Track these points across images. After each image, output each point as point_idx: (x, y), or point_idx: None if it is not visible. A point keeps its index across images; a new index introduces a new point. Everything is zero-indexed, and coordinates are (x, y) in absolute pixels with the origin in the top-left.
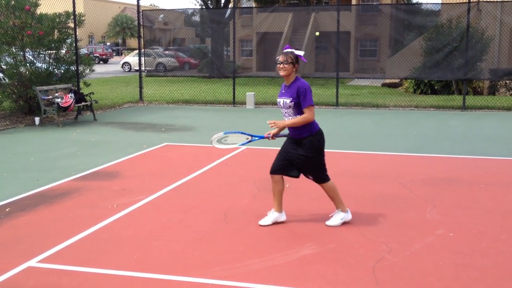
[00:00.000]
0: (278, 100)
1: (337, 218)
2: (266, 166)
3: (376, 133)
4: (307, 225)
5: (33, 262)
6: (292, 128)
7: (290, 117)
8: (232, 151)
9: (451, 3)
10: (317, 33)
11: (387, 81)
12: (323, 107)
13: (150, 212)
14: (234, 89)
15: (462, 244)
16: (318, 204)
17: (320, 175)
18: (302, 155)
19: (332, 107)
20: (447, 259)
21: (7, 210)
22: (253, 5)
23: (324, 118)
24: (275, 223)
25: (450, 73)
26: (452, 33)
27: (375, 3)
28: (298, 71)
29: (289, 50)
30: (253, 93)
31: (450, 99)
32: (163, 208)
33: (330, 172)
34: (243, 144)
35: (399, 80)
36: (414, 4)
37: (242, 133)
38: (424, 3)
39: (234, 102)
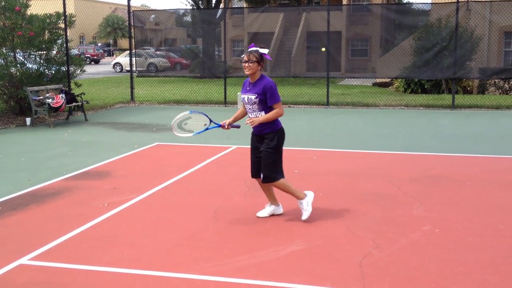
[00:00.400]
0: (243, 96)
1: (307, 210)
2: None
3: (365, 132)
4: (295, 221)
5: (24, 260)
6: (256, 125)
7: (254, 113)
8: (223, 151)
9: (440, 3)
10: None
11: (378, 80)
12: (314, 106)
13: (141, 210)
14: (225, 89)
15: (447, 239)
16: None
17: (272, 173)
18: (265, 150)
19: (322, 106)
20: (432, 254)
21: None
22: (244, 5)
23: (315, 117)
24: (272, 215)
25: (440, 72)
26: (441, 32)
27: (365, 3)
28: (263, 69)
29: (254, 48)
30: None
31: (440, 98)
32: (153, 207)
33: (319, 169)
34: (198, 133)
35: (389, 79)
36: (405, 4)
37: (205, 114)
38: (415, 3)
39: (225, 102)
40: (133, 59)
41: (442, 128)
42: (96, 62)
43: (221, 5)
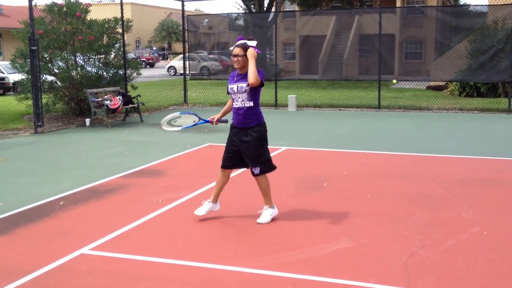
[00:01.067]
0: (231, 86)
1: (266, 215)
2: (304, 166)
3: (417, 135)
4: (342, 221)
5: (85, 250)
6: (242, 117)
7: (243, 102)
8: (272, 152)
9: (497, 5)
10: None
11: (432, 83)
12: (365, 109)
13: (193, 207)
14: (276, 92)
15: (495, 241)
16: (354, 202)
17: (264, 166)
18: (253, 143)
19: (374, 109)
20: (479, 255)
21: (61, 203)
22: (296, 8)
23: (365, 120)
24: (211, 212)
25: (496, 75)
26: (497, 34)
27: (419, 5)
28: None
29: (242, 41)
30: (295, 95)
31: (496, 102)
32: None
33: (368, 171)
34: (187, 127)
35: (444, 82)
36: (461, 6)
37: (195, 114)
38: (473, 5)
39: (276, 105)
40: (187, 62)
41: (497, 132)
42: (151, 65)
43: (273, 9)
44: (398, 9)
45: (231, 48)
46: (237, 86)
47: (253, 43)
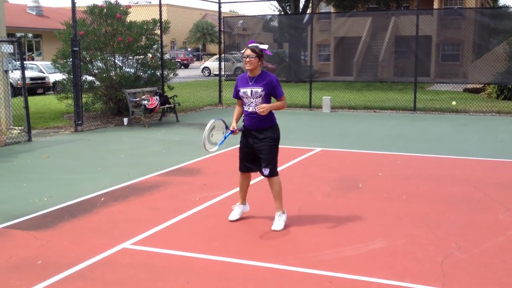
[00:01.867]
0: (244, 90)
1: (281, 222)
2: (339, 167)
3: (453, 138)
4: (377, 221)
5: (127, 244)
6: (255, 120)
7: (256, 107)
8: (308, 152)
9: None
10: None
11: (469, 86)
12: (400, 111)
13: (229, 205)
14: (310, 93)
15: None
16: (389, 203)
17: (275, 167)
18: (268, 144)
19: (409, 112)
20: None
21: (102, 199)
22: (332, 10)
23: (401, 123)
24: (245, 213)
25: None
26: None
27: (457, 6)
28: (263, 64)
29: (254, 44)
30: (329, 97)
31: None
32: None
33: (403, 173)
34: (220, 144)
35: (481, 85)
36: (500, 7)
37: (222, 120)
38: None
39: (310, 106)
40: (222, 63)
41: None
42: (186, 66)
43: (308, 10)
44: (436, 11)
45: (242, 51)
46: (251, 90)
47: (265, 46)
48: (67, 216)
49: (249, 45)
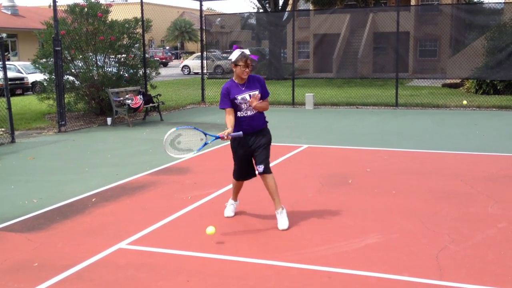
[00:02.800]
0: (242, 96)
1: (285, 219)
2: (327, 163)
3: (437, 133)
4: (370, 216)
5: (123, 244)
6: (256, 121)
7: (253, 112)
8: (295, 149)
9: None
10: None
11: (448, 81)
12: (382, 107)
13: (222, 203)
14: (293, 90)
15: None
16: (380, 198)
17: (268, 164)
18: (266, 143)
19: (391, 107)
20: (508, 249)
21: (93, 200)
22: (310, 7)
23: (384, 118)
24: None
25: None
26: None
27: (436, 3)
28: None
29: (247, 53)
30: (312, 94)
31: None
32: None
33: (391, 168)
34: (199, 150)
35: (460, 80)
36: (476, 3)
37: (195, 128)
38: (486, 2)
39: (293, 103)
40: (204, 61)
41: None
42: (165, 65)
43: (288, 8)
44: (413, 7)
45: (230, 57)
46: (249, 95)
47: (247, 51)
48: (59, 217)
49: (244, 55)
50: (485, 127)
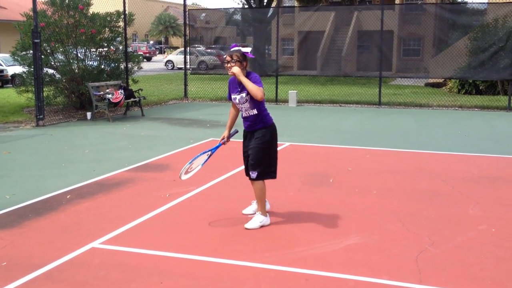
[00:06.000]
0: (234, 96)
1: (256, 221)
2: (309, 162)
3: (419, 132)
4: (350, 217)
5: (96, 243)
6: (250, 123)
7: (247, 112)
8: None
9: (497, 3)
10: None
11: (431, 80)
12: (365, 106)
13: (201, 201)
14: (276, 87)
15: (504, 239)
16: (360, 198)
17: (266, 170)
18: (255, 147)
19: (374, 106)
20: (489, 252)
21: (68, 197)
22: (295, 4)
23: (367, 117)
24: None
25: (496, 73)
26: (498, 32)
27: (420, 2)
28: (248, 67)
29: (236, 48)
30: (295, 91)
31: (495, 100)
32: (212, 198)
33: (372, 168)
34: (204, 162)
35: (443, 80)
36: (459, 3)
37: (203, 153)
38: (470, 2)
39: (276, 100)
40: (188, 56)
41: (498, 130)
42: (148, 59)
43: (273, 4)
44: (397, 6)
45: (224, 56)
46: (239, 96)
47: (247, 49)
48: (32, 214)
49: (231, 49)
50: (467, 127)
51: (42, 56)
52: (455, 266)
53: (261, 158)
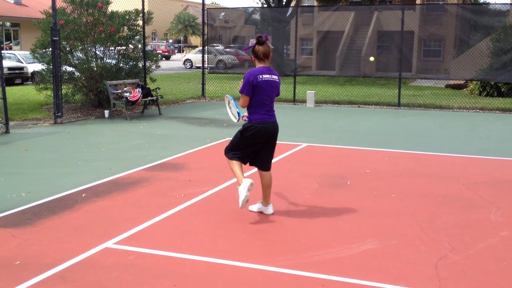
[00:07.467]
0: None
1: (255, 206)
2: (326, 163)
3: (439, 135)
4: (368, 221)
5: (110, 243)
6: None
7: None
8: (293, 148)
9: None
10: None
11: (452, 82)
12: (384, 107)
13: (216, 202)
14: (294, 87)
15: None
16: (378, 201)
17: (226, 149)
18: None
19: (393, 107)
20: (510, 259)
21: (83, 195)
22: (315, 3)
23: (386, 118)
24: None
25: None
26: None
27: (441, 2)
28: (256, 60)
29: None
30: (313, 91)
31: None
32: (227, 199)
33: (391, 170)
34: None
35: (464, 81)
36: (482, 4)
37: (236, 106)
38: (492, 3)
39: (294, 100)
40: (205, 56)
41: None
42: (167, 58)
43: (292, 3)
44: (418, 6)
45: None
46: None
47: (251, 41)
48: (47, 212)
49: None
50: (488, 130)
51: (61, 54)
52: (476, 274)
53: (231, 140)
